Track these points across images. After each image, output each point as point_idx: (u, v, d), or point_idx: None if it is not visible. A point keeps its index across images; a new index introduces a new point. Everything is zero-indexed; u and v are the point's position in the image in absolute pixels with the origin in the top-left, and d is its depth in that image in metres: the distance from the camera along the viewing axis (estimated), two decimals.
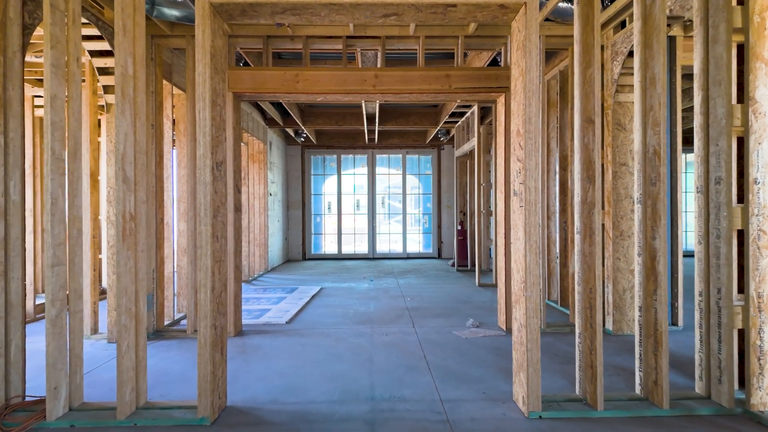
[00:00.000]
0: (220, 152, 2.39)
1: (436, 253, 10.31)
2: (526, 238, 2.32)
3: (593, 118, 2.38)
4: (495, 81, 3.91)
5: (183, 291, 4.36)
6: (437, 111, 7.92)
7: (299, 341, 3.71)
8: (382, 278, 7.23)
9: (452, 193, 10.24)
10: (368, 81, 3.87)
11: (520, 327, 2.37)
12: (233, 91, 3.87)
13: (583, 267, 2.46)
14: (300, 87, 3.86)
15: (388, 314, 4.65)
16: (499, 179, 4.09)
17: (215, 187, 2.33)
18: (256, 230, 7.38)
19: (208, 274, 2.27)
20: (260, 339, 3.79)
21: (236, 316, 3.93)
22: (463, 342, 3.65)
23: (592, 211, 2.39)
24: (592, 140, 2.39)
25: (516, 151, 2.43)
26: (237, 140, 3.97)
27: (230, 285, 3.88)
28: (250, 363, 3.18)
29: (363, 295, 5.76)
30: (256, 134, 7.23)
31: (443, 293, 5.82)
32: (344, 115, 8.03)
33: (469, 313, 4.67)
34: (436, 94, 3.92)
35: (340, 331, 4.02)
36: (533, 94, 2.32)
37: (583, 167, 2.44)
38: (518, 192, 2.40)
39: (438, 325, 4.20)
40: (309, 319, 4.45)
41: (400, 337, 3.79)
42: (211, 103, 2.29)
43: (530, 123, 2.32)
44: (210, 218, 2.28)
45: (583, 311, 2.46)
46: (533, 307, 2.31)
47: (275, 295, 5.73)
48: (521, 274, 2.37)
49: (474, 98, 4.10)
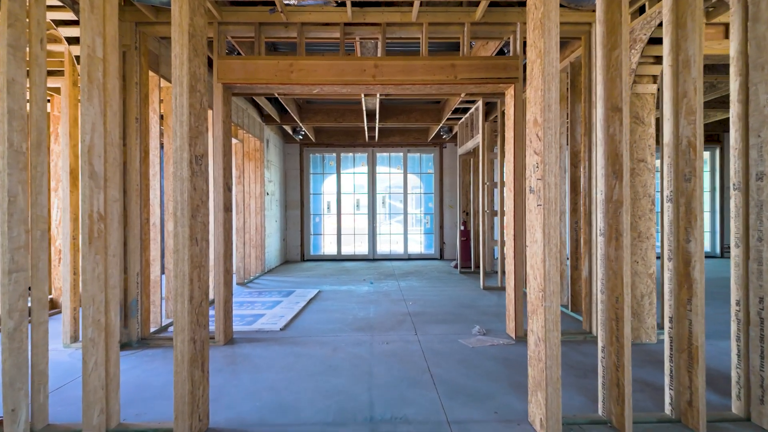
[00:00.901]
0: (200, 144, 2.13)
1: (438, 254, 10.05)
2: (545, 240, 2.05)
3: (620, 105, 2.11)
4: (504, 71, 3.65)
5: (172, 295, 4.10)
6: (440, 107, 7.66)
7: (293, 350, 3.45)
8: (383, 281, 6.97)
9: (455, 192, 9.98)
10: (368, 71, 3.61)
11: (538, 341, 2.11)
12: (223, 82, 3.61)
13: (608, 273, 2.19)
14: (295, 77, 3.60)
15: (389, 320, 4.39)
16: (508, 176, 3.83)
17: (194, 184, 2.07)
18: (252, 231, 7.12)
19: (185, 282, 2.01)
20: (251, 348, 3.53)
21: (226, 323, 3.67)
22: (469, 352, 3.39)
23: (619, 210, 2.12)
24: (618, 130, 2.12)
25: (533, 143, 2.17)
26: (227, 134, 3.71)
27: (219, 290, 3.61)
28: (239, 375, 2.92)
29: (362, 298, 5.50)
30: (252, 131, 6.97)
31: (446, 297, 5.55)
32: (343, 111, 7.77)
33: (475, 318, 4.41)
34: (440, 85, 3.66)
35: (337, 339, 3.75)
36: (553, 78, 2.06)
37: (608, 161, 2.18)
38: (535, 189, 2.13)
39: (442, 332, 3.94)
40: (305, 326, 4.19)
41: (401, 346, 3.53)
42: (189, 88, 2.03)
43: (549, 110, 2.06)
44: (188, 218, 2.02)
45: (608, 323, 2.19)
46: (553, 319, 2.05)
47: (270, 298, 5.47)
48: (539, 281, 2.10)
49: (481, 90, 3.84)
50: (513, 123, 3.73)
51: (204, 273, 2.19)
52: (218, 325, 3.62)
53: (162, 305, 4.09)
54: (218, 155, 3.64)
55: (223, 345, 3.61)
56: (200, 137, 2.14)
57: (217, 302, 3.61)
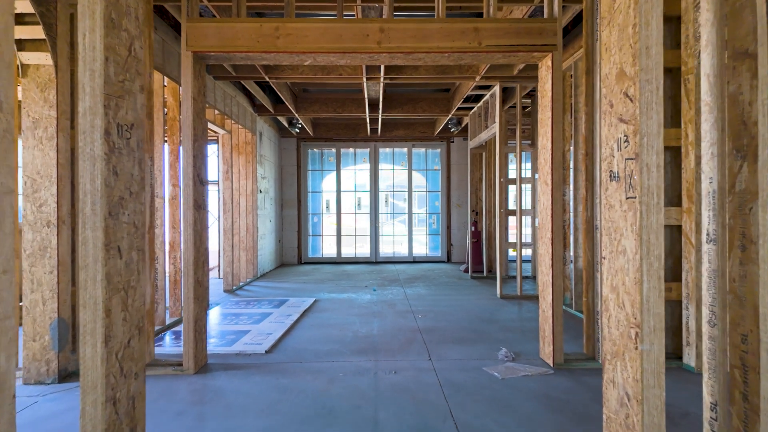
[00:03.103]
0: (126, 109, 1.45)
1: (445, 256, 9.35)
2: (642, 251, 1.36)
3: (750, 48, 1.42)
4: (539, 36, 2.96)
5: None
6: (449, 96, 6.97)
7: (279, 383, 2.77)
8: (387, 287, 6.28)
9: (463, 190, 9.28)
10: (371, 36, 2.92)
11: (625, 400, 1.42)
12: (194, 50, 2.93)
13: (724, 299, 1.50)
14: (282, 44, 2.92)
15: (395, 338, 3.70)
16: (542, 167, 3.14)
17: (114, 166, 1.39)
18: (242, 232, 6.44)
19: (97, 314, 1.33)
20: (228, 378, 2.85)
21: (197, 347, 2.98)
22: (499, 386, 2.70)
23: (748, 205, 1.43)
24: (748, 87, 1.43)
25: (616, 106, 1.48)
26: (199, 115, 3.03)
27: (189, 307, 2.93)
28: (204, 423, 2.24)
29: (364, 309, 4.82)
30: (242, 122, 6.28)
31: (460, 307, 4.86)
32: (343, 100, 7.08)
33: (499, 337, 3.72)
34: (461, 54, 2.97)
35: (334, 365, 3.07)
36: (653, 7, 1.37)
37: (731, 133, 1.48)
38: (622, 174, 1.45)
39: (461, 355, 3.25)
40: (295, 347, 3.51)
41: (413, 377, 2.84)
42: (105, 21, 1.35)
43: (648, 56, 1.37)
44: (101, 217, 1.33)
45: (720, 369, 1.50)
46: (654, 370, 1.36)
47: (259, 310, 4.78)
48: (629, 311, 1.41)
49: (509, 60, 3.15)
50: (550, 101, 3.03)
51: (136, 297, 1.50)
52: (187, 349, 2.94)
53: None
54: (188, 141, 2.96)
55: (193, 374, 2.93)
56: (127, 99, 1.45)
57: (186, 322, 2.93)
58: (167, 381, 2.81)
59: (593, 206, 3.11)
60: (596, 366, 2.99)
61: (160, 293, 4.13)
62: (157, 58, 3.86)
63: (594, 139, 3.09)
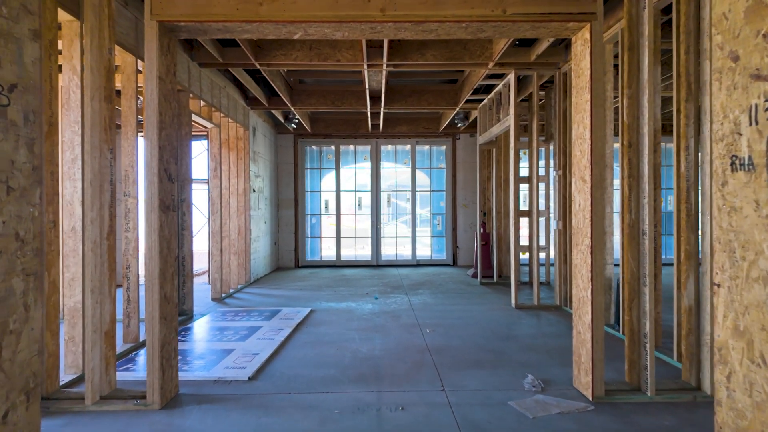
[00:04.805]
0: (7, 64, 0.95)
1: (451, 259, 8.84)
2: None
3: None
4: (575, 3, 2.46)
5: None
6: (457, 87, 6.46)
7: (260, 424, 2.26)
8: (390, 294, 5.77)
9: (469, 189, 8.77)
10: (374, 2, 2.42)
11: None
12: (159, 20, 2.43)
13: None
14: (265, 12, 2.42)
15: (401, 360, 3.20)
16: (579, 161, 2.63)
17: None
18: (233, 234, 5.94)
19: None
20: (199, 417, 2.35)
21: (164, 376, 2.48)
22: (530, 428, 2.19)
23: None
24: None
25: (748, 56, 0.97)
26: (167, 98, 2.53)
27: (153, 329, 2.43)
28: None
29: (365, 322, 4.31)
30: (232, 115, 5.78)
31: (473, 320, 4.36)
32: (343, 93, 6.58)
33: (521, 359, 3.21)
34: (481, 24, 2.46)
35: (328, 398, 2.56)
36: None
37: None
38: (757, 161, 0.94)
39: (480, 384, 2.75)
40: (284, 372, 3.00)
41: (424, 416, 2.34)
42: None
43: None
44: None
45: None
46: None
47: (248, 323, 4.28)
48: None
49: (538, 33, 2.65)
50: (589, 81, 2.53)
51: (20, 346, 1.00)
52: (151, 380, 2.43)
53: (84, 343, 2.91)
54: (152, 128, 2.45)
55: (159, 409, 2.43)
56: (1, 45, 0.95)
57: (150, 348, 2.43)
58: (124, 420, 2.31)
59: (639, 207, 2.61)
60: (644, 399, 2.49)
61: (133, 306, 3.63)
62: (129, 38, 3.36)
63: (640, 127, 2.58)
